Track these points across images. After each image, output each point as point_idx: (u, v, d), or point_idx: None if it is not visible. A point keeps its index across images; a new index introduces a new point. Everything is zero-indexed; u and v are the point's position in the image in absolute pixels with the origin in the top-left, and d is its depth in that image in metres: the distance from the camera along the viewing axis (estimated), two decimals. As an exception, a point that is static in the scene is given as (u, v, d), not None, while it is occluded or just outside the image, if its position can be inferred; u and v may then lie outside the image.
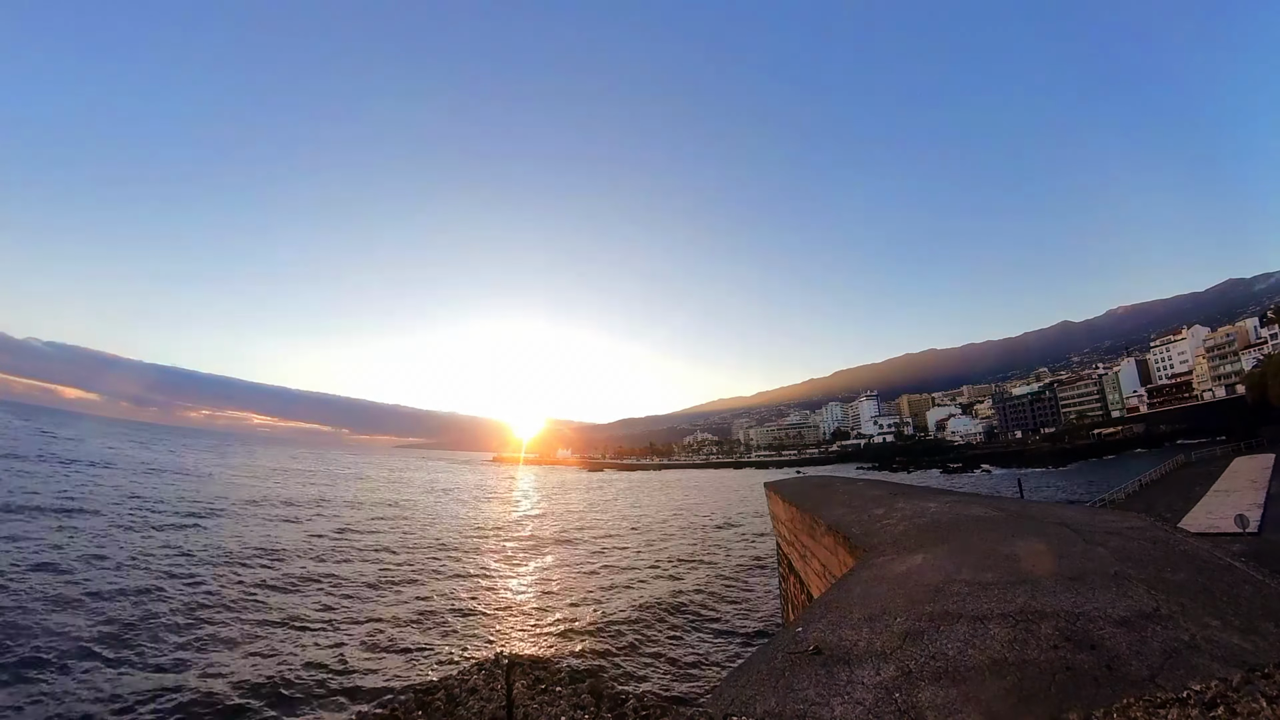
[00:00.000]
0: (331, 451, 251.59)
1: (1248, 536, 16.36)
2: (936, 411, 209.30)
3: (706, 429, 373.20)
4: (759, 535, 34.95)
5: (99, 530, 25.80)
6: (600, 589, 22.54)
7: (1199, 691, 1.18)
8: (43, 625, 14.15)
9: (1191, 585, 4.24)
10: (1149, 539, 5.76)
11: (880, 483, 16.01)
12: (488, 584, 22.97)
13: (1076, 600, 3.97)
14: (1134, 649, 3.17)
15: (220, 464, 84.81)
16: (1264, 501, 22.90)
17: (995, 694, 2.83)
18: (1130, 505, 27.00)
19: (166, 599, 17.27)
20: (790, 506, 13.04)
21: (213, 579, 19.89)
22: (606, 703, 1.41)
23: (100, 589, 17.40)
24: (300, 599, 18.71)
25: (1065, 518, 7.14)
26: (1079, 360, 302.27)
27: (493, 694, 1.41)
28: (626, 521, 45.72)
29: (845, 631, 3.94)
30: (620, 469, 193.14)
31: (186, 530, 28.33)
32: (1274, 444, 54.69)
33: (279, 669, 13.15)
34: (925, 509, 8.80)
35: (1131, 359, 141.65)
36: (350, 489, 64.04)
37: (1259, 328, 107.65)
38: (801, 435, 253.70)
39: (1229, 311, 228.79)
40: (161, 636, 14.37)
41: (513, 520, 45.84)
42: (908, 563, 5.67)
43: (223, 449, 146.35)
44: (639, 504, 62.38)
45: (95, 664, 12.54)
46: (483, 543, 33.15)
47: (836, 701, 2.94)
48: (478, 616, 18.45)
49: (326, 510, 42.50)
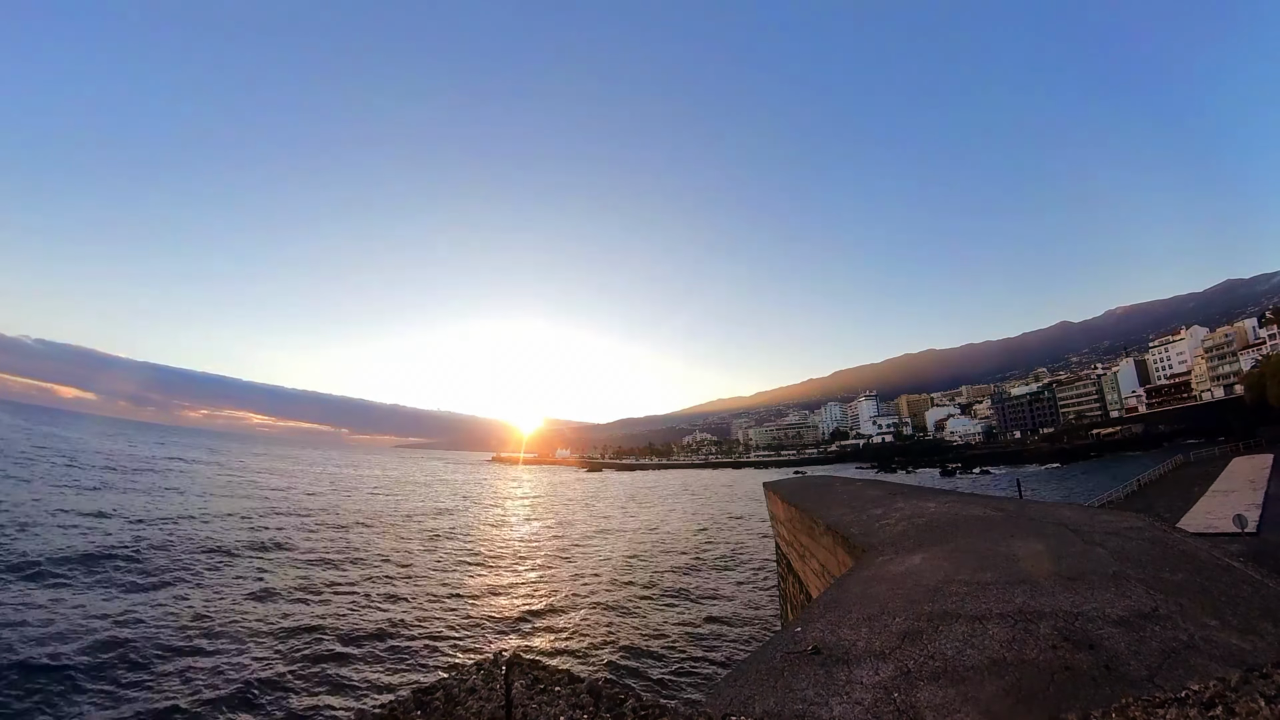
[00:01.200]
0: (333, 451, 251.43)
1: (1246, 536, 16.39)
2: (935, 412, 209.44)
3: (706, 429, 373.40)
4: (758, 535, 34.96)
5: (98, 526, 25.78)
6: (598, 589, 22.54)
7: (1197, 691, 1.18)
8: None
9: (1190, 585, 4.25)
10: (1148, 539, 5.77)
11: (879, 483, 16.02)
12: (486, 584, 22.96)
13: (1075, 600, 3.97)
14: (1132, 649, 3.17)
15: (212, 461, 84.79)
16: (1262, 502, 22.94)
17: (994, 694, 2.83)
18: (1129, 505, 27.03)
19: (160, 604, 17.25)
20: (789, 506, 13.04)
21: (212, 579, 19.87)
22: (605, 702, 1.40)
23: (98, 588, 17.38)
24: (300, 599, 18.70)
25: (1064, 518, 7.15)
26: (1078, 360, 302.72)
27: (491, 694, 1.41)
28: (625, 521, 45.71)
29: (844, 631, 3.94)
30: (619, 469, 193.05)
31: (185, 530, 28.30)
32: (1272, 444, 54.76)
33: (278, 669, 13.13)
34: (924, 509, 8.80)
35: (1130, 359, 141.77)
36: (352, 491, 63.92)
37: (1257, 328, 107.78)
38: (801, 435, 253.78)
39: (1228, 312, 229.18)
40: (160, 636, 14.35)
41: (510, 521, 45.82)
42: (906, 563, 5.67)
43: (222, 448, 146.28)
44: (638, 504, 62.36)
45: (96, 662, 12.53)
46: (481, 543, 33.14)
47: (835, 701, 2.94)
48: (476, 617, 18.44)
49: (325, 510, 42.45)
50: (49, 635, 13.47)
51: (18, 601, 15.49)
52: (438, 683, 1.45)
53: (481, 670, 1.50)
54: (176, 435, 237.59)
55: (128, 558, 21.19)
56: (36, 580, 17.48)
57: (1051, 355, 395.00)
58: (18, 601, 15.49)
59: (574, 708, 1.38)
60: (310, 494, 53.97)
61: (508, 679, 1.48)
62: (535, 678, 1.50)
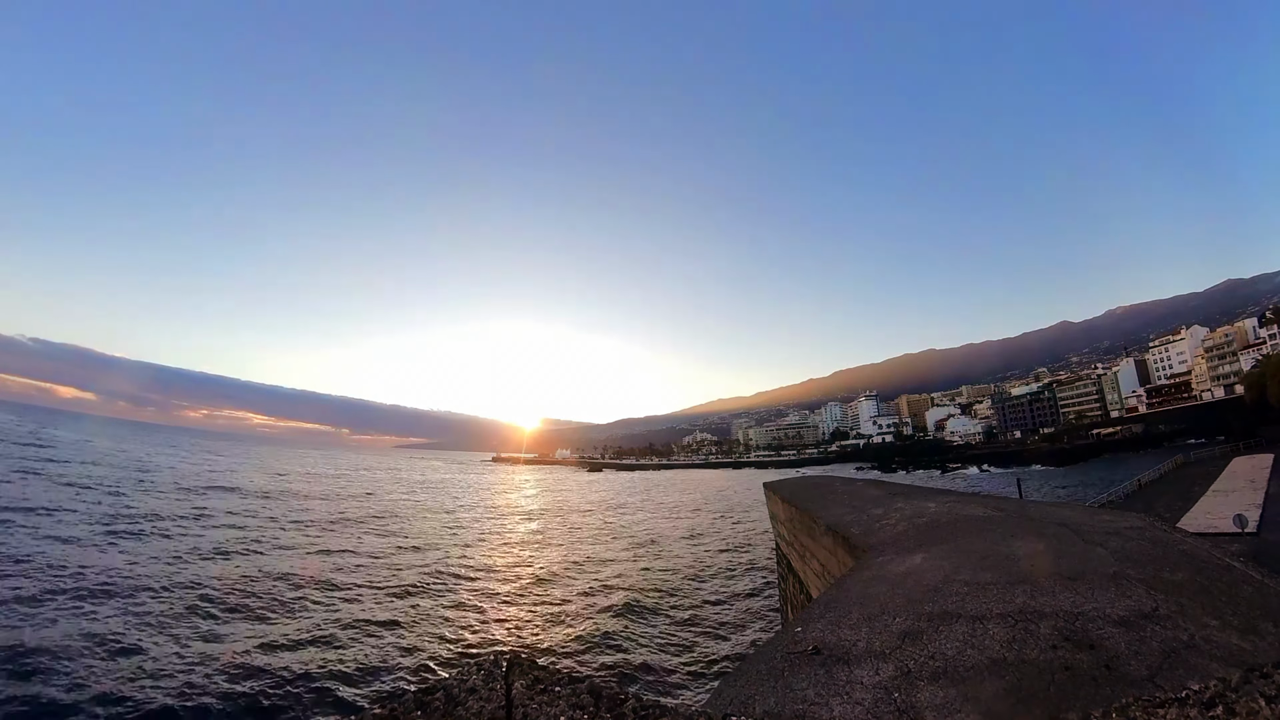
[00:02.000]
0: (334, 451, 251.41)
1: (1246, 536, 16.39)
2: (936, 412, 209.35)
3: (706, 429, 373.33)
4: (757, 535, 34.96)
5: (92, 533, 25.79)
6: (598, 589, 22.54)
7: (1198, 691, 1.18)
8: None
9: (1190, 585, 4.24)
10: (1148, 539, 5.76)
11: (879, 483, 16.01)
12: (486, 585, 22.95)
13: (1075, 600, 3.97)
14: (1133, 649, 3.17)
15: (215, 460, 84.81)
16: (1262, 502, 22.94)
17: (994, 694, 2.83)
18: (1129, 505, 27.03)
19: (162, 600, 17.25)
20: (789, 506, 13.03)
21: (212, 580, 19.87)
22: (605, 703, 1.40)
23: (96, 584, 17.39)
24: (299, 600, 18.69)
25: (1064, 518, 7.15)
26: (1078, 360, 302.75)
27: (492, 694, 1.41)
28: (625, 521, 45.71)
29: (844, 631, 3.93)
30: (619, 469, 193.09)
31: (184, 530, 28.31)
32: (1272, 444, 54.78)
33: (277, 669, 13.13)
34: (924, 509, 8.80)
35: (1130, 359, 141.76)
36: (360, 492, 64.02)
37: (1258, 328, 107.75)
38: (801, 435, 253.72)
39: (1228, 312, 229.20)
40: (158, 637, 14.35)
41: (511, 521, 45.83)
42: (907, 563, 5.67)
43: (224, 449, 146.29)
44: (637, 504, 62.38)
45: (94, 660, 12.53)
46: (479, 544, 33.15)
47: (835, 701, 2.94)
48: (476, 618, 18.44)
49: (323, 511, 42.47)
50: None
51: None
52: (438, 683, 1.45)
53: (481, 670, 1.50)
54: (175, 436, 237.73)
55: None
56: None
57: (1051, 355, 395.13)
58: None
59: (574, 708, 1.38)
60: (312, 497, 54.06)
61: (508, 679, 1.48)
62: (535, 678, 1.50)
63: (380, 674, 13.54)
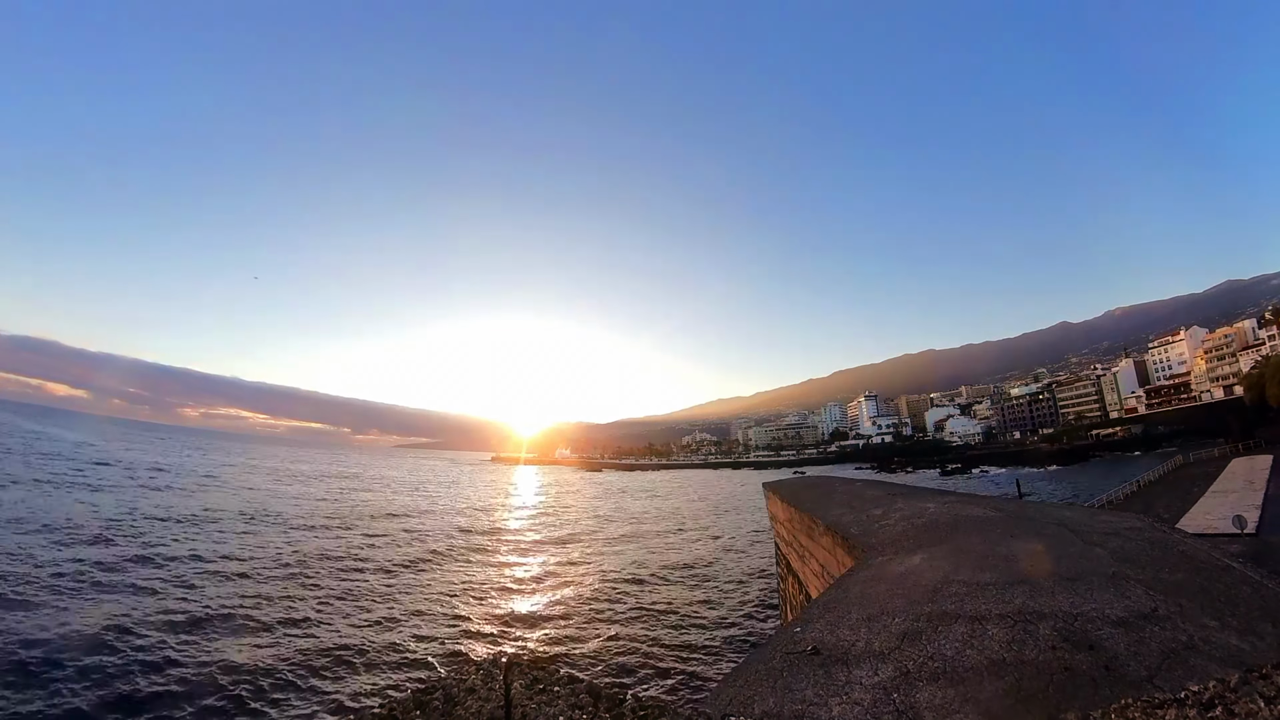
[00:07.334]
0: (339, 451, 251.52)
1: (1245, 537, 16.41)
2: (935, 412, 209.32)
3: (705, 429, 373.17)
4: (757, 535, 34.96)
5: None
6: (598, 589, 22.54)
7: (1197, 692, 1.18)
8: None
9: (1189, 586, 4.25)
10: (1147, 540, 5.76)
11: (879, 483, 16.00)
12: (485, 585, 22.95)
13: (1075, 601, 3.97)
14: (1132, 650, 3.17)
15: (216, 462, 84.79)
16: (1262, 502, 22.96)
17: (993, 694, 2.83)
18: (1128, 506, 27.05)
19: (159, 598, 17.24)
20: (789, 507, 13.03)
21: (211, 579, 19.86)
22: (604, 702, 1.40)
23: (94, 585, 17.37)
24: (299, 600, 18.68)
25: (1063, 518, 7.14)
26: (1077, 361, 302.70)
27: (491, 694, 1.41)
28: (624, 521, 45.70)
29: (843, 632, 3.93)
30: (619, 469, 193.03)
31: (184, 531, 28.30)
32: (1272, 445, 54.80)
33: (277, 669, 13.12)
34: (923, 509, 8.79)
35: (1130, 360, 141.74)
36: (355, 493, 63.98)
37: (1257, 329, 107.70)
38: (800, 436, 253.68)
39: (1227, 312, 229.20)
40: (156, 637, 14.34)
41: (511, 521, 45.82)
42: (906, 563, 5.67)
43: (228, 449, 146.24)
44: (637, 504, 62.38)
45: (93, 658, 12.52)
46: (480, 544, 33.13)
47: (834, 702, 2.94)
48: (475, 617, 18.43)
49: (321, 511, 42.45)
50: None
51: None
52: (437, 683, 1.45)
53: (481, 670, 1.50)
54: (188, 436, 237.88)
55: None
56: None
57: (1051, 355, 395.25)
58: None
59: (573, 708, 1.38)
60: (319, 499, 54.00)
61: (507, 679, 1.48)
62: (534, 678, 1.50)
63: (380, 674, 13.54)
